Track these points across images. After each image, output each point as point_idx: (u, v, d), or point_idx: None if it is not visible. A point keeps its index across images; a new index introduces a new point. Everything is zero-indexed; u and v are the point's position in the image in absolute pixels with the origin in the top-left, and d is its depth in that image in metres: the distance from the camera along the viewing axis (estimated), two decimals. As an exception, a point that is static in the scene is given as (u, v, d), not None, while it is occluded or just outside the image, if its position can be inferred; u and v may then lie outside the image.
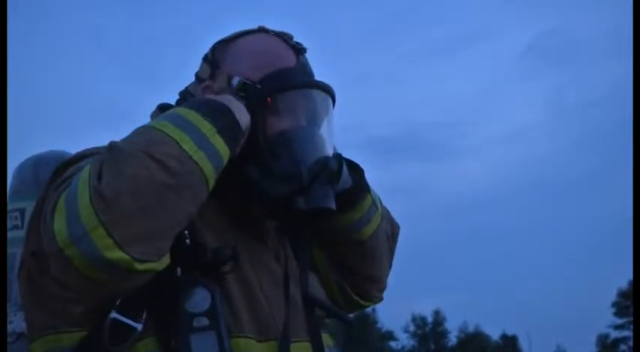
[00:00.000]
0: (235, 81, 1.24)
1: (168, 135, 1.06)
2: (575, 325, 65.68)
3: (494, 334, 54.26)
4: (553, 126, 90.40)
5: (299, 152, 1.22)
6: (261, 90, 1.22)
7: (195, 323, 1.07)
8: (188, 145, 1.06)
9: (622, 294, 46.64)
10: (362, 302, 1.47)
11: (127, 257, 0.97)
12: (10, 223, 1.44)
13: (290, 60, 1.27)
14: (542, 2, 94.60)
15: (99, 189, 0.98)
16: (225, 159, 1.11)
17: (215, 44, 1.33)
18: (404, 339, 53.37)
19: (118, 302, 1.07)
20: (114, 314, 1.06)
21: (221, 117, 1.12)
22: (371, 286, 1.47)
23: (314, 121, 1.28)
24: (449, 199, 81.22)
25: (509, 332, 54.13)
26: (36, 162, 1.49)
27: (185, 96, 1.31)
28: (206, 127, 1.09)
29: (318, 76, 1.31)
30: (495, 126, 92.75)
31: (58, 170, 1.16)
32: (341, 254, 1.41)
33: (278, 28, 1.33)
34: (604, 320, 49.86)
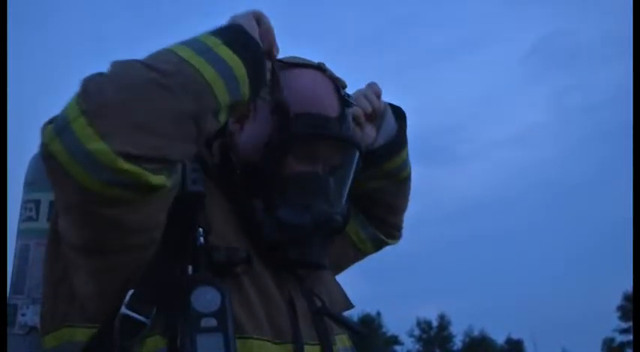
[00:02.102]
0: (276, 101, 1.22)
1: (167, 48, 1.06)
2: (580, 329, 65.53)
3: (500, 338, 54.21)
4: (556, 128, 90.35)
5: (308, 200, 1.21)
6: (293, 123, 1.21)
7: (203, 323, 1.05)
8: (185, 52, 1.04)
9: (627, 298, 46.48)
10: (390, 241, 1.60)
11: (106, 148, 0.92)
12: (24, 214, 1.41)
13: (334, 109, 1.25)
14: (544, 5, 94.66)
15: (85, 85, 0.97)
16: (237, 68, 1.07)
17: (275, 61, 1.26)
18: (409, 344, 53.32)
19: (128, 299, 1.05)
20: (124, 310, 1.05)
21: (228, 32, 1.10)
22: (401, 220, 1.61)
23: (333, 172, 1.27)
24: (454, 203, 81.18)
25: (515, 336, 54.11)
26: None
27: None
28: (210, 40, 1.08)
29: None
30: (499, 130, 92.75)
31: None
32: (387, 193, 1.52)
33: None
34: (609, 324, 49.75)
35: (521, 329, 72.08)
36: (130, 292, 1.06)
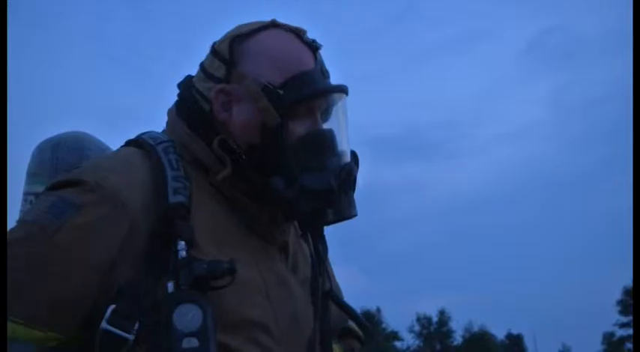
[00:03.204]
0: (259, 85, 1.19)
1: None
2: (580, 323, 65.66)
3: (500, 333, 54.32)
4: (555, 124, 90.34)
5: (323, 159, 1.20)
6: (285, 96, 1.18)
7: (185, 344, 1.03)
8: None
9: (627, 292, 46.55)
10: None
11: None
12: (24, 206, 1.42)
13: (309, 61, 1.23)
14: (542, 0, 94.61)
15: None
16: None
17: (229, 39, 1.24)
18: (409, 339, 53.40)
19: (109, 314, 1.04)
20: (104, 325, 1.04)
21: None
22: None
23: (333, 123, 1.27)
24: (452, 198, 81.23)
25: (515, 331, 54.23)
26: (55, 145, 1.47)
27: (190, 92, 1.25)
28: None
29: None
30: (497, 126, 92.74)
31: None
32: None
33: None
34: (609, 318, 49.85)
35: (521, 324, 72.25)
36: (112, 307, 1.05)
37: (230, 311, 1.11)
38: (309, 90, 1.20)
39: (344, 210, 1.21)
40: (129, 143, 1.23)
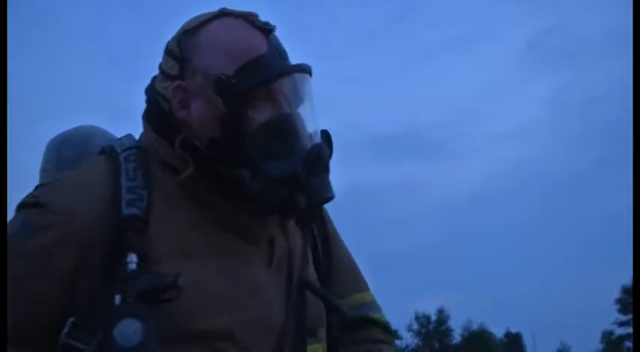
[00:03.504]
0: (210, 78, 1.16)
1: None
2: (579, 322, 65.74)
3: (499, 332, 54.40)
4: (554, 124, 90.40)
5: (289, 145, 1.16)
6: (238, 85, 1.14)
7: None
8: None
9: (626, 291, 46.61)
10: None
11: None
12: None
13: (261, 45, 1.18)
14: (542, 1, 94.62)
15: None
16: None
17: (179, 35, 1.22)
18: (408, 338, 53.46)
19: (68, 327, 1.06)
20: (63, 338, 1.06)
21: None
22: None
23: (296, 105, 1.21)
24: (451, 198, 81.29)
25: (514, 330, 54.33)
26: (61, 142, 1.50)
27: (154, 98, 1.22)
28: None
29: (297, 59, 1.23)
30: (496, 125, 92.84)
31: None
32: None
33: (277, 29, 1.23)
34: (608, 317, 49.92)
35: (520, 322, 72.33)
36: (70, 320, 1.07)
37: (190, 322, 1.09)
38: (263, 75, 1.16)
39: (317, 194, 1.16)
40: (103, 150, 1.24)
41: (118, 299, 1.06)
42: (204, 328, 1.10)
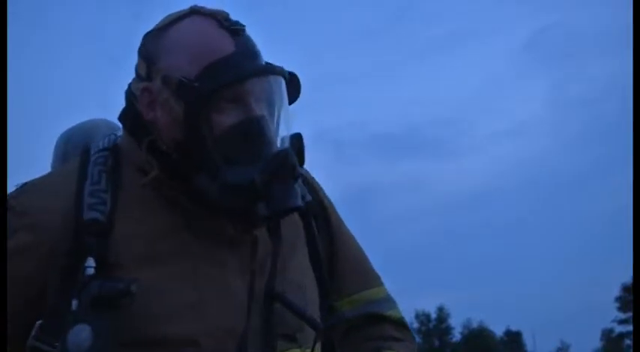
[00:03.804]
0: (172, 81, 1.12)
1: None
2: (579, 320, 65.72)
3: (499, 330, 54.33)
4: (554, 121, 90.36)
5: (254, 150, 1.11)
6: (199, 88, 1.10)
7: None
8: None
9: (626, 289, 46.60)
10: None
11: None
12: None
13: (227, 46, 1.13)
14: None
15: None
16: None
17: (148, 35, 1.19)
18: (408, 336, 53.31)
19: (36, 330, 1.07)
20: (30, 341, 1.07)
21: None
22: None
23: (265, 108, 1.16)
24: (451, 196, 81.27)
25: (514, 328, 54.24)
26: (67, 139, 1.52)
27: (130, 100, 1.20)
28: None
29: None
30: (496, 123, 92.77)
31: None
32: None
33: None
34: (608, 314, 49.92)
35: (520, 320, 72.28)
36: (38, 323, 1.08)
37: (153, 328, 1.08)
38: (225, 78, 1.11)
39: (278, 203, 1.10)
40: (82, 149, 1.24)
41: (74, 304, 1.05)
42: (167, 334, 1.09)
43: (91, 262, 1.07)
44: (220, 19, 1.16)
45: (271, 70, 1.16)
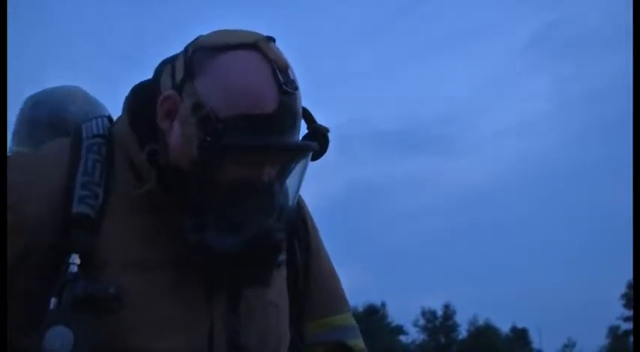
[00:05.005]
0: (200, 110, 1.04)
1: None
2: (585, 317, 65.58)
3: (505, 327, 54.22)
4: (558, 117, 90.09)
5: (243, 215, 1.05)
6: (223, 134, 1.02)
7: None
8: None
9: (631, 286, 46.49)
10: None
11: None
12: None
13: (270, 103, 1.04)
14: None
15: None
16: None
17: (200, 45, 1.09)
18: (414, 333, 53.36)
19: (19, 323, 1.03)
20: (13, 334, 1.03)
21: None
22: None
23: (275, 173, 1.09)
24: (456, 192, 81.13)
25: (520, 325, 54.15)
26: (36, 103, 1.41)
27: (151, 85, 1.13)
28: None
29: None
30: (500, 119, 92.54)
31: None
32: None
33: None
34: (614, 312, 49.83)
35: (526, 317, 72.22)
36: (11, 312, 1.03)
37: (129, 339, 1.04)
38: (253, 141, 1.03)
39: (244, 281, 1.09)
40: (74, 130, 1.16)
41: (53, 302, 1.00)
42: (149, 348, 1.04)
43: (75, 259, 1.01)
44: (277, 69, 1.05)
45: (302, 148, 1.11)
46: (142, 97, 1.13)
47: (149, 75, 1.17)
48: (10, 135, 1.44)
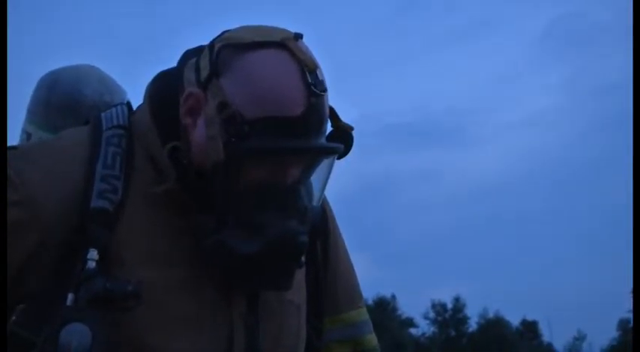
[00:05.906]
0: (227, 110, 1.01)
1: None
2: (595, 310, 65.46)
3: (515, 320, 54.24)
4: (570, 110, 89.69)
5: (265, 218, 1.02)
6: (247, 135, 0.99)
7: None
8: None
9: (643, 279, 46.32)
10: None
11: None
12: (20, 142, 1.36)
13: (297, 104, 1.00)
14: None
15: None
16: None
17: (227, 41, 1.05)
18: (424, 326, 53.48)
19: (17, 315, 1.00)
20: (11, 326, 1.00)
21: None
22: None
23: (303, 179, 1.08)
24: (467, 185, 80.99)
25: (530, 318, 54.18)
26: (52, 84, 1.38)
27: (176, 79, 1.09)
28: None
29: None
30: (512, 112, 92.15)
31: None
32: None
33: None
34: (624, 305, 49.65)
35: (536, 310, 72.15)
36: (20, 307, 1.01)
37: (144, 338, 1.01)
38: (278, 145, 1.01)
39: (267, 282, 1.06)
40: (93, 119, 1.12)
41: (70, 298, 0.97)
42: (157, 347, 1.02)
43: (93, 254, 0.99)
44: (306, 69, 1.02)
45: (328, 150, 1.08)
46: (164, 88, 1.11)
47: (154, 65, 1.13)
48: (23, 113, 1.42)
